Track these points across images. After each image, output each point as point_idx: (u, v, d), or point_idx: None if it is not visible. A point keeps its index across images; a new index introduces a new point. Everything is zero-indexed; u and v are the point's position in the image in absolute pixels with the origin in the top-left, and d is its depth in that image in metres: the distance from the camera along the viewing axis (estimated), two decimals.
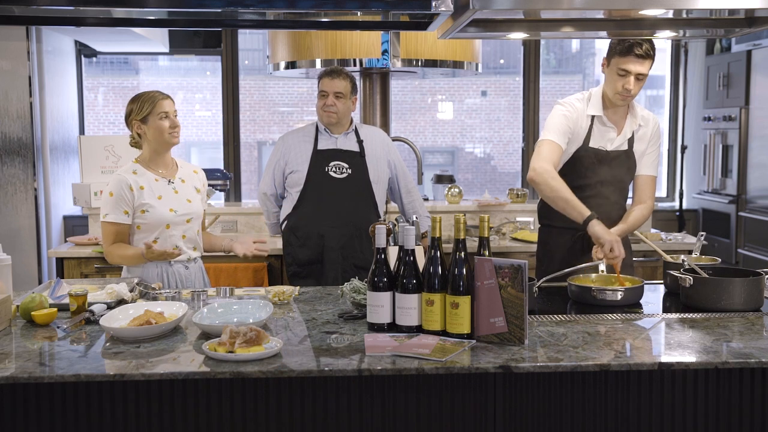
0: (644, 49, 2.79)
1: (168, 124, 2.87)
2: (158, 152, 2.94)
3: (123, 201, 2.85)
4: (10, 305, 2.33)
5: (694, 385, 2.04)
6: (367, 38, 3.96)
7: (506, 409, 2.02)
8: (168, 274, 2.92)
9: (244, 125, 6.45)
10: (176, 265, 2.94)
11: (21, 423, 1.96)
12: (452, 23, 2.47)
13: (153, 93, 2.90)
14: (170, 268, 2.93)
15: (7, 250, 2.69)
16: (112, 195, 2.86)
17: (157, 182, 2.92)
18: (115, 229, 2.87)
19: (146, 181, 2.90)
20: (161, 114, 2.86)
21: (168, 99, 2.90)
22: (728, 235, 5.56)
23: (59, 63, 5.14)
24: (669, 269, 2.69)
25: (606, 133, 2.97)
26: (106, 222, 2.87)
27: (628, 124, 2.99)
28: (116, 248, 2.87)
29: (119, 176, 2.89)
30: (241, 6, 2.45)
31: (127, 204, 2.86)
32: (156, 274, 2.91)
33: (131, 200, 2.86)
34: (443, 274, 2.13)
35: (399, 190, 3.62)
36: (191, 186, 3.02)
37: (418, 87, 8.33)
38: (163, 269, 2.92)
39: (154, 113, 2.85)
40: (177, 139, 2.93)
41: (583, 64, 8.78)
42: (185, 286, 2.95)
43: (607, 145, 2.97)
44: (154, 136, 2.88)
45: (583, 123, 2.96)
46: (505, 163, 8.57)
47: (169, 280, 2.92)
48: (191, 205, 2.97)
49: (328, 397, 2.00)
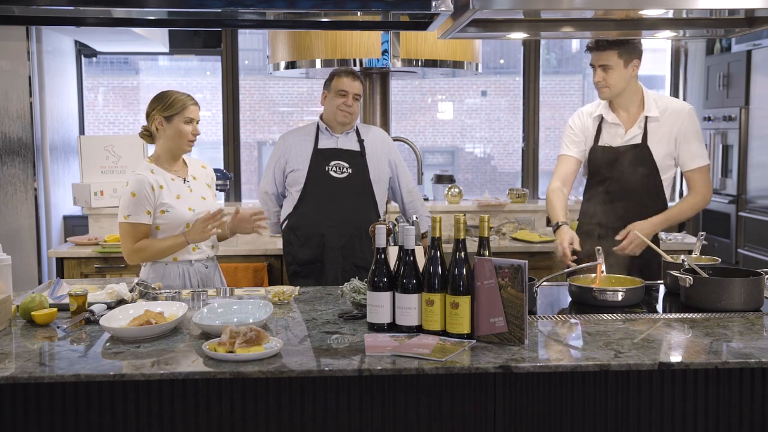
0: (600, 42, 2.98)
1: (191, 130, 2.85)
2: (171, 152, 2.91)
3: (146, 201, 2.81)
4: (10, 305, 2.33)
5: (694, 385, 2.04)
6: (367, 38, 3.96)
7: (506, 409, 2.02)
8: (189, 273, 2.91)
9: (244, 125, 6.45)
10: (197, 264, 2.93)
11: (21, 423, 1.96)
12: (452, 23, 2.47)
13: (185, 95, 2.87)
14: (191, 267, 2.91)
15: (7, 250, 2.69)
16: (135, 195, 2.80)
17: (173, 181, 2.89)
18: (136, 230, 2.82)
19: (164, 181, 2.86)
20: (187, 118, 2.84)
21: (197, 106, 2.88)
22: (728, 235, 5.56)
23: (59, 63, 5.14)
24: (669, 269, 2.69)
25: (614, 129, 3.07)
26: (127, 223, 2.82)
27: (640, 118, 3.03)
28: (147, 244, 2.82)
29: (140, 176, 2.83)
30: (241, 6, 2.45)
31: (150, 204, 2.82)
32: (178, 274, 2.89)
33: (153, 200, 2.82)
34: (443, 274, 2.13)
35: (400, 190, 3.62)
36: (203, 183, 3.02)
37: (418, 87, 8.33)
38: (185, 269, 2.90)
39: (182, 115, 2.83)
40: (192, 147, 2.92)
41: (583, 64, 8.78)
42: (206, 285, 2.94)
43: (616, 140, 3.06)
44: (172, 137, 2.85)
45: (591, 124, 3.13)
46: (505, 163, 8.57)
47: (191, 279, 2.90)
48: (206, 202, 2.96)
49: (328, 397, 1.99)
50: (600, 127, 3.09)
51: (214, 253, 3.02)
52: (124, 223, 2.82)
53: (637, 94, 3.06)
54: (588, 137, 3.12)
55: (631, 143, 3.02)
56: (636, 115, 3.05)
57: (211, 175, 3.09)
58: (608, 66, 2.98)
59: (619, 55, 2.96)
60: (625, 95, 3.04)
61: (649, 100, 3.05)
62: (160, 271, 2.89)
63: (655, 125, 3.02)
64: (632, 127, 3.03)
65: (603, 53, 2.98)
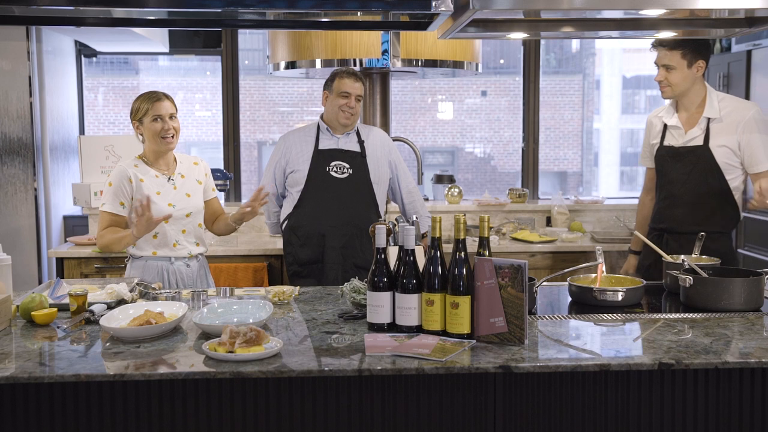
0: (659, 40, 2.95)
1: (161, 127, 2.87)
2: (154, 152, 2.96)
3: (121, 192, 2.88)
4: (10, 305, 2.33)
5: (694, 385, 2.04)
6: (367, 38, 3.96)
7: (506, 409, 2.02)
8: (168, 272, 2.93)
9: (244, 125, 6.45)
10: (177, 263, 2.94)
11: (21, 423, 1.96)
12: (452, 23, 2.47)
13: (151, 93, 2.91)
14: (171, 266, 2.93)
15: (7, 250, 2.69)
16: (111, 185, 2.90)
17: (157, 178, 2.94)
18: (110, 219, 2.90)
19: (146, 176, 2.92)
20: (154, 116, 2.87)
21: (164, 101, 2.89)
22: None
23: (59, 63, 5.14)
24: (669, 269, 2.69)
25: (675, 131, 3.08)
26: (103, 211, 2.91)
27: (701, 119, 3.01)
28: (107, 232, 2.89)
29: (120, 167, 2.92)
30: (241, 6, 2.45)
31: (125, 196, 2.88)
32: (156, 272, 2.92)
33: (129, 192, 2.88)
34: (443, 274, 2.13)
35: (400, 190, 3.62)
36: (192, 179, 3.02)
37: (418, 87, 8.34)
38: (164, 267, 2.93)
39: (149, 115, 2.87)
40: (171, 144, 2.92)
41: (583, 64, 8.78)
42: (186, 285, 2.95)
43: (677, 141, 3.06)
44: (149, 137, 2.91)
45: (657, 127, 3.16)
46: (505, 163, 8.57)
47: (170, 278, 2.92)
48: (190, 199, 2.98)
49: (328, 397, 2.00)
50: (665, 128, 3.11)
51: (200, 250, 3.02)
52: (101, 210, 2.93)
53: (700, 95, 3.02)
54: (655, 139, 3.15)
55: (691, 144, 3.01)
56: (696, 116, 3.02)
57: (204, 171, 3.09)
58: (671, 66, 2.96)
59: (682, 55, 2.94)
60: (688, 96, 3.02)
61: (712, 100, 3.00)
62: (140, 267, 2.93)
63: (717, 126, 2.98)
64: (692, 129, 3.01)
65: (667, 53, 2.95)
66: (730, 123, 2.98)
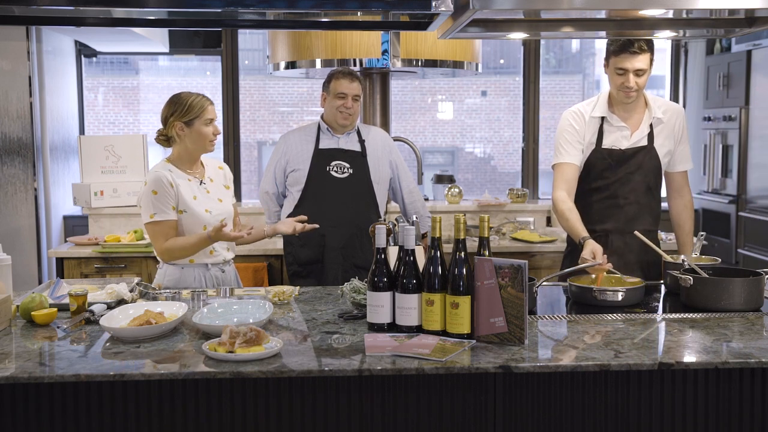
0: (637, 45, 2.81)
1: (212, 131, 2.81)
2: (191, 154, 2.86)
3: (168, 197, 2.76)
4: (10, 305, 2.33)
5: (694, 385, 2.04)
6: (367, 38, 3.96)
7: (506, 409, 2.02)
8: (206, 278, 2.88)
9: (244, 125, 6.45)
10: (213, 269, 2.90)
11: (21, 423, 1.96)
12: (452, 23, 2.47)
13: (201, 97, 2.82)
14: (207, 272, 2.88)
15: (7, 250, 2.69)
16: (156, 193, 2.75)
17: (189, 182, 2.84)
18: (164, 228, 2.77)
19: (181, 181, 2.82)
20: (207, 120, 2.79)
21: (213, 105, 2.84)
22: (728, 235, 5.56)
23: (59, 63, 5.14)
24: (669, 269, 2.69)
25: (618, 132, 2.97)
26: (153, 222, 2.76)
27: (645, 119, 2.98)
28: (174, 242, 2.77)
29: (157, 173, 2.78)
30: (241, 6, 2.45)
31: (173, 199, 2.77)
32: (194, 278, 2.85)
33: (174, 195, 2.77)
34: (443, 274, 2.13)
35: (401, 190, 3.62)
36: (220, 184, 2.97)
37: (418, 87, 8.33)
38: (201, 273, 2.87)
39: (201, 118, 2.78)
40: (214, 147, 2.87)
41: (583, 64, 8.78)
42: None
43: (622, 143, 2.97)
44: (194, 140, 2.81)
45: (592, 126, 2.98)
46: (505, 163, 8.57)
47: (207, 284, 2.87)
48: (222, 204, 2.92)
49: (328, 397, 2.00)
50: (602, 129, 2.97)
51: (231, 255, 2.99)
52: (151, 222, 2.77)
53: (642, 95, 3.00)
54: (588, 139, 2.98)
55: (638, 145, 2.97)
56: (641, 116, 2.98)
57: (228, 176, 3.04)
58: (642, 69, 2.84)
59: (651, 58, 2.86)
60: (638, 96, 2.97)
61: (654, 101, 3.00)
62: (176, 274, 2.85)
63: (659, 127, 2.99)
64: (638, 129, 2.97)
65: (641, 56, 2.82)
66: (668, 123, 2.99)
